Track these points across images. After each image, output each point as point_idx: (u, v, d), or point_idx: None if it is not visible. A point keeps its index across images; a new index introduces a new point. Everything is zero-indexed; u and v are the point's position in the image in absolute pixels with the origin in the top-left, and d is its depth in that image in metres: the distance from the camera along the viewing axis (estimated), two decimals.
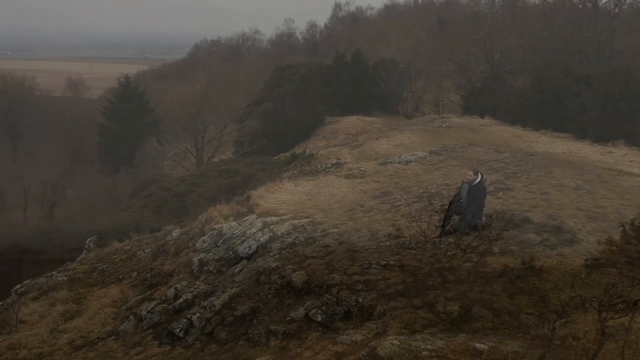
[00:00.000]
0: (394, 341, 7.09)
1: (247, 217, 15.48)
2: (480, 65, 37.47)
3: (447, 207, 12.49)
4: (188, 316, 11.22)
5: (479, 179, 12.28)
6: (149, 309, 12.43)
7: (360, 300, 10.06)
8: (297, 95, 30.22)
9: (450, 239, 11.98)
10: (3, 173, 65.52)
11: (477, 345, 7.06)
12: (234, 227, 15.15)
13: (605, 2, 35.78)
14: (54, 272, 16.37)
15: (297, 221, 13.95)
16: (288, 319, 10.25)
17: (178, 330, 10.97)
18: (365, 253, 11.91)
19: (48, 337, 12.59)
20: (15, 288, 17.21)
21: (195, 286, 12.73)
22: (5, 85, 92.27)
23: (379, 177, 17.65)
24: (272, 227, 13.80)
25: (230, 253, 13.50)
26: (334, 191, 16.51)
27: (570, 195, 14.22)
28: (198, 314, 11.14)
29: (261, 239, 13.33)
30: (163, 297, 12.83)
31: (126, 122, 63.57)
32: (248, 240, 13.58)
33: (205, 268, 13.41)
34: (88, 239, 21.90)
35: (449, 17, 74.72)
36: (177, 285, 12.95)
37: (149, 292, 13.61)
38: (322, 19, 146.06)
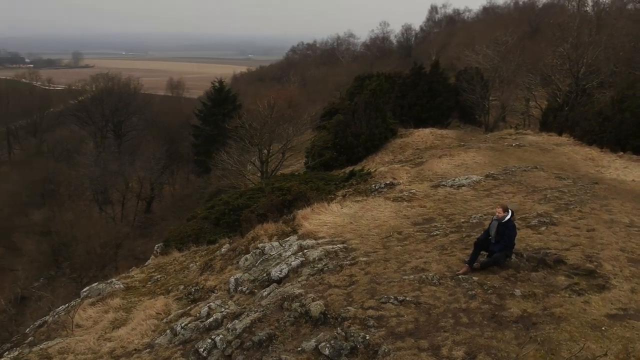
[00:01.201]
0: None
1: (288, 238, 15.93)
2: (566, 78, 35.75)
3: (475, 243, 12.28)
4: (213, 337, 11.81)
5: (508, 217, 12.02)
6: (183, 324, 13.18)
7: (367, 337, 10.23)
8: (367, 107, 30.32)
9: (474, 277, 11.79)
10: (108, 169, 70.74)
11: None
12: (275, 247, 15.64)
13: None
14: (113, 279, 17.62)
15: (331, 246, 14.20)
16: (299, 349, 10.58)
17: (202, 349, 11.58)
18: (387, 286, 12.00)
19: (94, 344, 13.65)
20: (83, 290, 18.72)
21: (227, 306, 13.33)
22: (113, 86, 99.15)
23: (426, 202, 17.50)
24: (305, 251, 14.14)
25: (264, 275, 13.98)
26: (377, 215, 16.58)
27: (619, 233, 13.48)
28: (221, 336, 11.70)
29: (293, 263, 13.70)
30: (197, 314, 13.54)
31: (218, 124, 66.09)
32: (281, 263, 14.00)
33: (240, 288, 13.97)
34: (156, 245, 23.29)
35: (544, 23, 71.78)
36: (211, 303, 13.62)
37: (189, 308, 14.39)
38: (418, 22, 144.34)
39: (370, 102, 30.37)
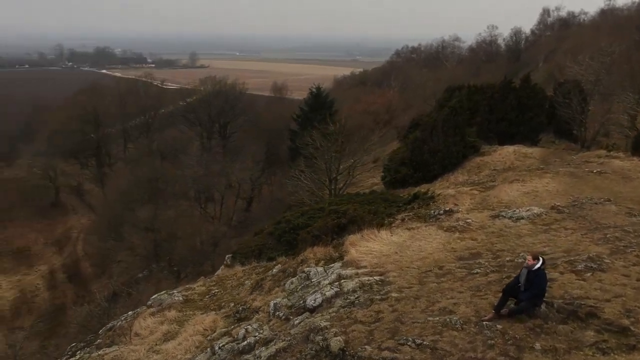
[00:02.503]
0: None
1: (332, 265, 16.29)
2: None
3: (504, 289, 12.03)
4: None
5: (538, 265, 11.64)
6: (221, 345, 13.97)
7: None
8: (445, 124, 29.87)
9: (499, 325, 11.57)
10: (212, 169, 74.64)
11: None
12: (319, 273, 16.07)
13: None
14: (174, 291, 18.84)
15: (367, 278, 14.41)
16: None
17: None
18: (410, 326, 12.06)
19: (143, 356, 14.80)
20: (151, 299, 20.15)
21: (262, 331, 13.95)
22: (220, 88, 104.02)
23: (478, 234, 17.15)
24: (342, 281, 14.44)
25: (301, 302, 14.46)
26: (424, 246, 16.52)
27: None
28: None
29: (327, 293, 14.07)
30: (236, 336, 14.28)
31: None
32: (317, 292, 14.41)
33: (277, 313, 14.55)
34: (227, 255, 24.45)
35: None
36: (249, 326, 14.32)
37: (232, 327, 15.18)
38: (529, 25, 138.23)
39: (449, 119, 29.88)
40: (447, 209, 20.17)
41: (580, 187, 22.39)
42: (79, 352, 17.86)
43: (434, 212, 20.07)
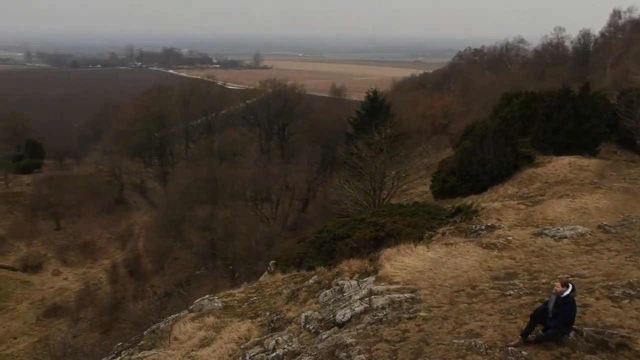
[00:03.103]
0: None
1: (366, 279, 16.39)
2: None
3: (531, 315, 11.82)
4: None
5: (567, 292, 11.37)
6: (252, 355, 14.33)
7: None
8: (496, 134, 29.29)
9: (524, 352, 11.39)
10: (270, 171, 76.04)
11: None
12: (352, 286, 16.21)
13: None
14: (215, 296, 19.40)
15: (398, 295, 14.44)
16: None
17: None
18: (434, 347, 12.05)
19: None
20: (194, 302, 20.81)
21: (291, 343, 14.21)
22: (280, 90, 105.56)
23: (517, 253, 16.82)
24: (372, 297, 14.53)
25: (331, 316, 14.64)
26: (460, 263, 16.36)
27: None
28: None
29: (357, 308, 14.19)
30: (267, 346, 14.61)
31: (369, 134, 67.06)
32: (347, 307, 14.55)
33: (307, 326, 14.78)
34: (271, 262, 24.90)
35: None
36: (279, 337, 14.61)
37: (265, 337, 15.53)
38: (599, 27, 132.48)
39: (500, 129, 29.28)
40: (489, 224, 19.86)
41: (632, 204, 21.52)
42: (124, 351, 18.69)
43: (476, 227, 19.79)
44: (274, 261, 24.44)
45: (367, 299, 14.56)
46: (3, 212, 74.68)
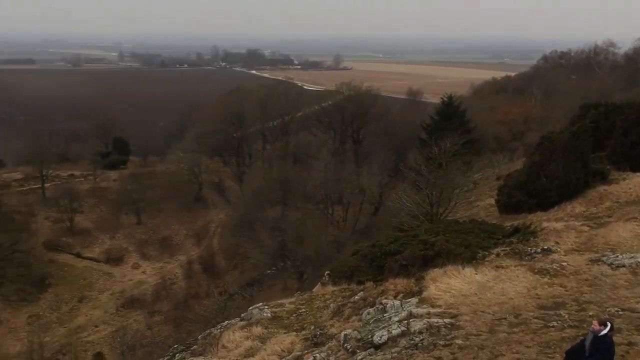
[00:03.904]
0: None
1: (409, 300, 16.33)
2: None
3: (566, 352, 11.45)
4: None
5: (605, 331, 10.93)
6: None
7: None
8: (566, 149, 28.13)
9: None
10: (338, 175, 76.55)
11: None
12: (395, 307, 16.22)
13: None
14: (265, 306, 19.92)
15: (437, 320, 14.35)
16: None
17: None
18: None
19: None
20: (248, 310, 21.41)
21: None
22: (355, 93, 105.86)
23: (569, 281, 16.19)
24: (411, 320, 14.51)
25: (369, 336, 14.75)
26: (507, 289, 15.98)
27: None
28: None
29: (394, 331, 14.23)
30: None
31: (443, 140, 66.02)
32: (385, 328, 14.61)
33: (346, 345, 14.96)
34: (326, 272, 25.15)
35: None
36: (317, 354, 14.89)
37: (306, 352, 15.86)
38: None
39: (570, 144, 28.10)
40: (546, 247, 19.19)
41: None
42: (178, 354, 19.59)
43: (531, 250, 19.19)
44: (328, 272, 24.67)
45: (405, 321, 14.56)
46: (90, 206, 79.35)
